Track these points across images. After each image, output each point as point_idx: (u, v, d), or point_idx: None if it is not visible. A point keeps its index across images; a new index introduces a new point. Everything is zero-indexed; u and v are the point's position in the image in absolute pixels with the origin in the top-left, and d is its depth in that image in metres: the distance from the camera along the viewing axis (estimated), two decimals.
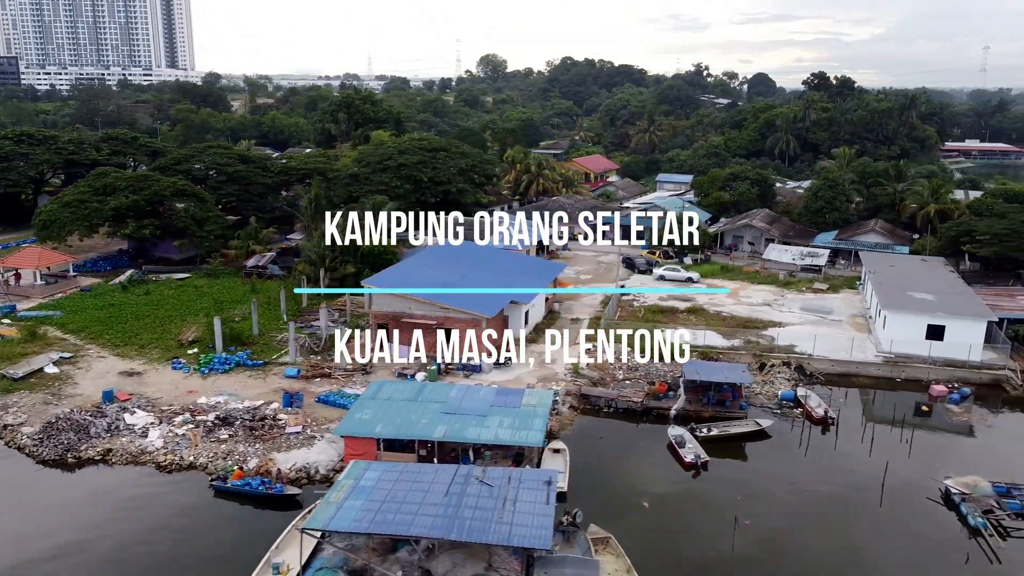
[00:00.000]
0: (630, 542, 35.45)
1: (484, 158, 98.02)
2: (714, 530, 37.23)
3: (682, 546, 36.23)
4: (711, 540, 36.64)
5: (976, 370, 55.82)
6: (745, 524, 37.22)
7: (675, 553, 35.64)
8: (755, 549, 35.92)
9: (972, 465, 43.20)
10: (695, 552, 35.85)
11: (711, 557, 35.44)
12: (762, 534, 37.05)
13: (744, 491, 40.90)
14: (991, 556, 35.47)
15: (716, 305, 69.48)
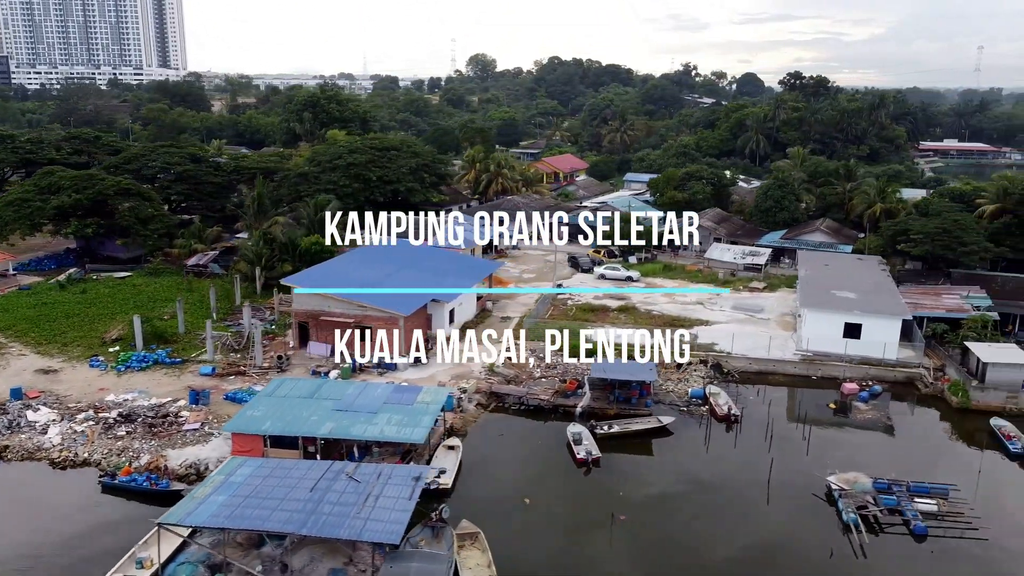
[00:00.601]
0: (502, 538, 35.89)
1: (437, 157, 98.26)
2: (591, 526, 37.62)
3: (554, 542, 36.52)
4: (585, 536, 37.03)
5: (891, 368, 56.18)
6: (621, 519, 37.63)
7: (544, 548, 35.94)
8: (631, 544, 36.30)
9: (866, 462, 43.59)
10: (566, 547, 36.17)
11: (581, 553, 35.79)
12: (641, 530, 37.45)
13: (632, 488, 41.30)
14: (857, 551, 35.84)
15: (649, 304, 69.83)
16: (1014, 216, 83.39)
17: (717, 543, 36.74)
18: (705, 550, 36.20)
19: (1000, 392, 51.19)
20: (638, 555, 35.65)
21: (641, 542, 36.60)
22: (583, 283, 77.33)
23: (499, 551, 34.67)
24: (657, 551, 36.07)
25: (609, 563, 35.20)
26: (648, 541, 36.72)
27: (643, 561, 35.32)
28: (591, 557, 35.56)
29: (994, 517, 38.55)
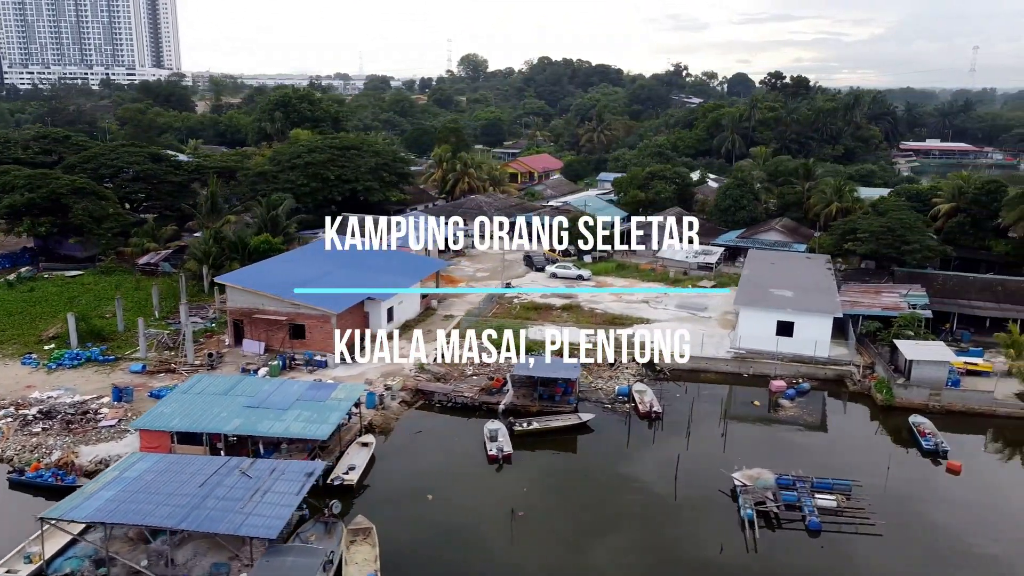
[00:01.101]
0: (396, 533, 36.17)
1: (398, 157, 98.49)
2: (490, 522, 37.85)
3: (449, 538, 36.68)
4: (482, 532, 37.28)
5: (822, 366, 56.42)
6: (519, 516, 37.86)
7: (437, 544, 36.12)
8: (528, 540, 36.49)
9: (780, 458, 43.74)
10: (462, 543, 36.35)
11: (477, 549, 36.02)
12: (539, 525, 37.65)
13: (539, 484, 41.57)
14: (749, 546, 36.07)
15: (594, 302, 70.08)
16: (967, 215, 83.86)
17: (613, 538, 36.97)
18: (599, 545, 36.41)
19: (923, 390, 51.41)
20: (532, 551, 35.86)
21: (538, 538, 36.81)
22: (534, 282, 77.54)
23: (391, 546, 34.92)
24: (552, 547, 36.24)
25: (502, 558, 35.47)
26: (544, 537, 36.91)
27: (535, 556, 35.53)
28: (486, 552, 35.83)
29: (894, 512, 38.80)
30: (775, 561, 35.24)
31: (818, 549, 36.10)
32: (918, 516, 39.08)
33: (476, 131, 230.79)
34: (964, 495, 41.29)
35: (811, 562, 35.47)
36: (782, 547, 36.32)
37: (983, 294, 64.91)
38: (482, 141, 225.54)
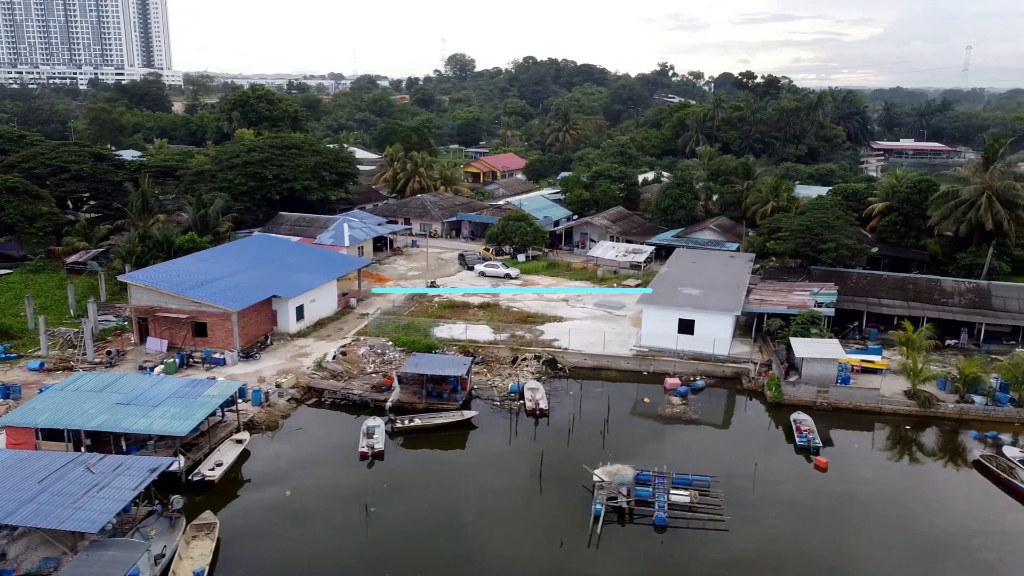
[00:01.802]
0: (245, 529, 36.56)
1: (340, 156, 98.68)
2: (343, 518, 38.11)
3: (301, 533, 36.92)
4: (335, 527, 37.52)
5: (721, 364, 56.74)
6: (372, 511, 38.19)
7: (285, 540, 36.37)
8: (379, 536, 36.74)
9: (654, 454, 44.31)
10: (312, 539, 36.61)
11: (326, 544, 36.26)
12: (391, 523, 37.88)
13: (404, 481, 41.82)
14: (593, 541, 36.37)
15: (514, 301, 70.44)
16: (899, 214, 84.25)
17: (463, 534, 37.26)
18: (449, 540, 36.67)
19: (811, 387, 51.73)
20: (380, 546, 36.12)
21: (388, 534, 37.05)
22: (462, 280, 77.86)
23: (235, 541, 35.35)
24: (402, 543, 36.42)
25: (349, 554, 35.74)
26: (395, 533, 37.13)
27: (381, 552, 35.80)
28: (333, 548, 36.07)
29: (749, 507, 39.19)
30: (611, 555, 35.54)
31: (658, 544, 36.44)
32: (771, 511, 39.35)
33: (452, 131, 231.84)
34: (821, 491, 41.57)
35: (647, 555, 35.78)
36: (624, 542, 36.63)
37: (894, 292, 65.18)
38: (457, 141, 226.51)
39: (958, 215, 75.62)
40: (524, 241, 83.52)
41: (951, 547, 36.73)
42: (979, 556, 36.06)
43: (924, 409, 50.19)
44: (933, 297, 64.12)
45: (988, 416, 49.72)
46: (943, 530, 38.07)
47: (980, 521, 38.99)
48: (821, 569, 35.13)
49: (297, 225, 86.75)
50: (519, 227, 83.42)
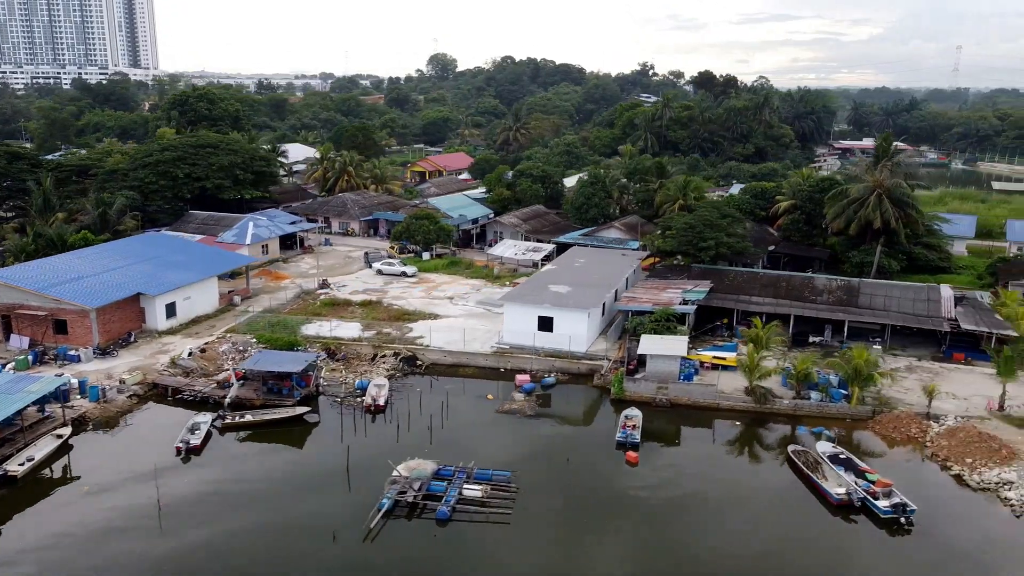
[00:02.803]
0: (29, 525, 37.00)
1: (257, 155, 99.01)
2: (126, 514, 38.39)
3: (88, 530, 37.32)
4: (124, 523, 37.89)
5: (577, 360, 57.13)
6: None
7: (70, 536, 36.83)
8: (177, 532, 37.09)
9: (474, 448, 44.83)
10: (94, 536, 37.01)
11: (106, 540, 36.67)
12: (197, 518, 38.21)
13: (217, 477, 42.19)
14: (368, 535, 36.73)
15: (398, 298, 70.89)
16: (802, 212, 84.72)
17: (245, 530, 37.58)
18: (227, 537, 37.03)
19: (651, 383, 52.15)
20: (170, 542, 36.45)
21: (184, 528, 37.37)
22: (358, 278, 78.28)
23: (9, 537, 35.79)
24: (190, 536, 36.82)
25: (125, 554, 35.93)
26: (187, 528, 37.47)
27: (165, 546, 36.15)
28: (113, 544, 36.45)
29: (542, 502, 39.61)
30: (382, 548, 35.90)
31: (430, 537, 36.84)
32: (560, 505, 39.72)
33: (419, 130, 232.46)
34: (616, 486, 41.85)
35: (418, 548, 36.15)
36: (400, 536, 36.97)
37: (767, 290, 65.54)
38: (424, 140, 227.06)
39: (849, 213, 76.10)
40: (427, 239, 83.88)
41: (721, 548, 37.11)
42: (732, 551, 36.47)
43: (760, 405, 50.58)
44: (803, 295, 64.50)
45: (821, 412, 50.11)
46: (725, 529, 38.37)
47: (768, 519, 39.28)
48: (578, 561, 35.51)
49: (205, 224, 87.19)
50: (422, 225, 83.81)
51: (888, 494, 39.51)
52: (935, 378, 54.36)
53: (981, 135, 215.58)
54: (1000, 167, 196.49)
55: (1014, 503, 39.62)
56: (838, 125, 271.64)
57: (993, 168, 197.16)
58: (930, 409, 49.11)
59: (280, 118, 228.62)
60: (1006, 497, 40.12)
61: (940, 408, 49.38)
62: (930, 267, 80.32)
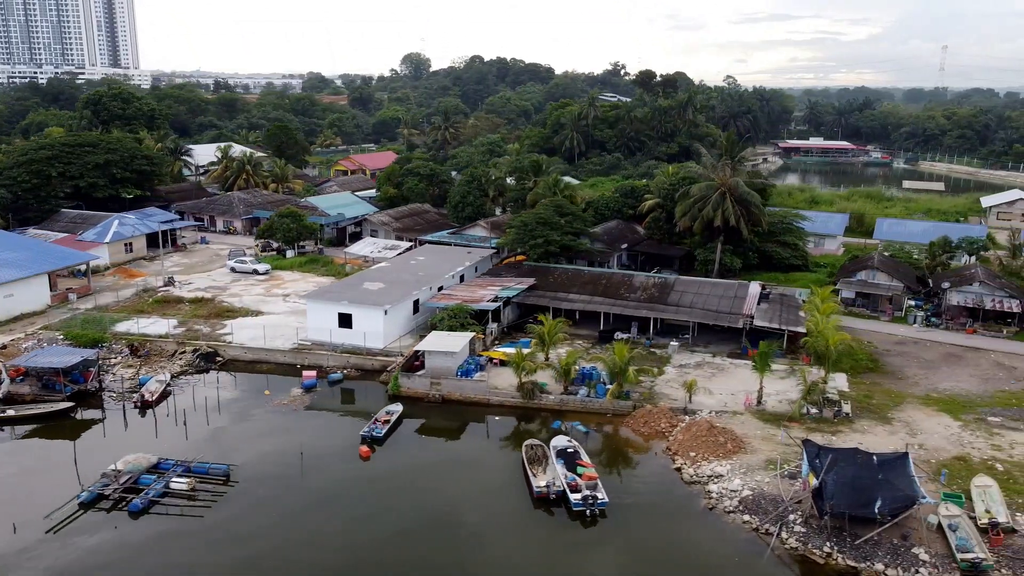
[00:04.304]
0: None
1: (141, 154, 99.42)
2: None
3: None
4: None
5: (371, 357, 57.64)
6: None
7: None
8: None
9: (214, 443, 45.49)
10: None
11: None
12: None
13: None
14: (55, 527, 37.23)
15: (234, 296, 71.45)
16: (663, 210, 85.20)
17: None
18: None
19: (426, 379, 52.67)
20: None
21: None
22: (211, 276, 78.79)
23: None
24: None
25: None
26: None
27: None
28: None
29: (252, 493, 40.20)
30: (61, 540, 36.39)
31: (111, 529, 37.35)
32: (276, 497, 40.24)
33: (370, 129, 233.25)
34: (338, 478, 42.41)
35: (96, 540, 36.61)
36: (88, 527, 37.39)
37: (586, 287, 65.96)
38: (373, 139, 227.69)
39: (694, 212, 76.55)
40: (288, 237, 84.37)
41: (414, 537, 37.64)
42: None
43: (527, 401, 51.07)
44: (619, 292, 64.94)
45: (586, 407, 50.62)
46: (424, 520, 38.87)
47: (472, 513, 39.73)
48: (249, 550, 36.05)
49: (73, 222, 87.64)
50: (284, 223, 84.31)
51: (593, 487, 40.08)
52: (719, 374, 55.04)
53: (928, 135, 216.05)
54: (939, 166, 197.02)
55: (713, 496, 40.11)
56: (797, 125, 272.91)
57: (933, 167, 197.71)
58: (690, 404, 49.59)
59: (231, 117, 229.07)
60: (709, 490, 40.63)
61: (702, 404, 49.86)
62: (783, 265, 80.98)
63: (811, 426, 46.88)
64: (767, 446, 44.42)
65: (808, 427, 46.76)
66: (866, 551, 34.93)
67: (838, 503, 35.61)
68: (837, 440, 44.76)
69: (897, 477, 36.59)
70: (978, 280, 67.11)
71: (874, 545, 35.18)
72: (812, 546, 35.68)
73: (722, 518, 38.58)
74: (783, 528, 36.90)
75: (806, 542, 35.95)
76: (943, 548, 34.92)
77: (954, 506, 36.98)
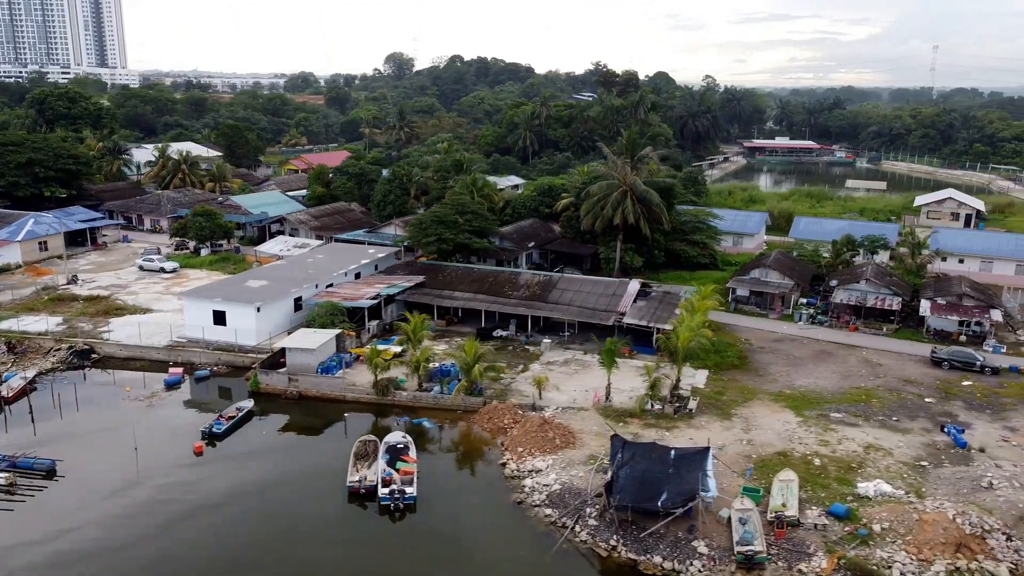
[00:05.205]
0: None
1: (68, 153, 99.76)
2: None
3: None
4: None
5: (243, 354, 58.03)
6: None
7: None
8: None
9: (62, 438, 46.30)
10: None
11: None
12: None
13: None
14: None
15: (132, 294, 71.94)
16: (576, 208, 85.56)
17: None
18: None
19: (283, 376, 53.10)
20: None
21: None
22: (118, 275, 79.21)
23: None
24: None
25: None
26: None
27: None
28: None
29: (89, 487, 40.76)
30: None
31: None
32: (99, 492, 40.73)
33: (338, 129, 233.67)
34: (163, 473, 42.87)
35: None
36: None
37: (474, 285, 66.28)
38: (342, 139, 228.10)
39: (596, 211, 77.00)
40: (201, 236, 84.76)
41: (221, 535, 38.06)
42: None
43: (381, 397, 51.48)
44: (503, 290, 65.27)
45: (438, 404, 51.02)
46: (224, 515, 39.31)
47: (284, 509, 40.15)
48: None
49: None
50: (197, 222, 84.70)
51: (408, 482, 40.52)
52: (582, 371, 55.48)
53: (894, 134, 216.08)
54: (900, 166, 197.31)
55: (526, 490, 40.52)
56: (772, 124, 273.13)
57: (894, 167, 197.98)
58: (539, 401, 49.98)
59: (198, 117, 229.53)
60: (523, 485, 41.05)
61: (552, 400, 50.26)
62: (691, 264, 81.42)
63: (650, 422, 47.30)
64: (598, 442, 44.75)
65: (647, 423, 47.18)
66: (648, 544, 35.38)
67: (623, 497, 36.06)
68: (670, 436, 45.21)
69: (689, 471, 37.03)
70: (864, 278, 67.53)
71: (658, 538, 35.62)
72: (600, 539, 36.10)
73: (527, 512, 39.00)
74: (579, 522, 37.31)
75: (595, 535, 36.37)
76: (728, 541, 35.34)
77: (749, 500, 37.41)
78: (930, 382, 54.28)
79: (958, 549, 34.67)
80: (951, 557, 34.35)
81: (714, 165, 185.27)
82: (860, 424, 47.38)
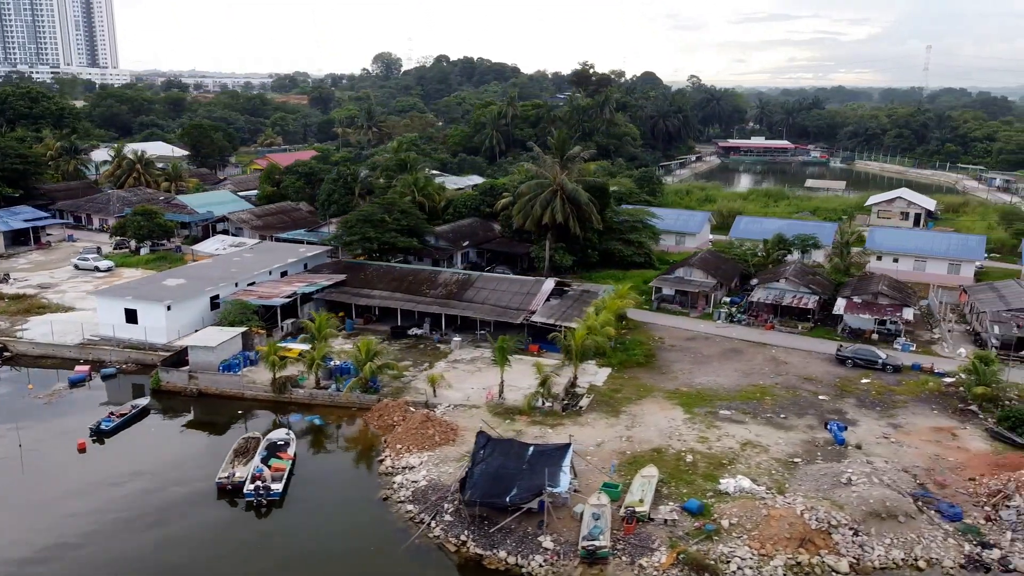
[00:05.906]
0: None
1: (15, 153, 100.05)
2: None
3: None
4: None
5: (154, 352, 58.31)
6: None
7: None
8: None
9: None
10: None
11: None
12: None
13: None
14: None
15: (59, 293, 72.22)
16: (512, 207, 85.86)
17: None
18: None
19: (183, 374, 53.40)
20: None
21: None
22: (52, 274, 79.53)
23: None
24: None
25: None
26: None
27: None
28: None
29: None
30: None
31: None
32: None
33: (316, 129, 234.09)
34: (49, 470, 43.22)
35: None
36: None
37: (394, 284, 66.52)
38: (318, 139, 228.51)
39: (527, 210, 77.34)
40: (139, 234, 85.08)
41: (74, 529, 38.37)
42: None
43: (278, 395, 51.79)
44: (421, 289, 65.53)
45: (333, 401, 51.34)
46: (72, 509, 39.61)
47: (128, 508, 40.44)
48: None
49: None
50: (136, 221, 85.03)
51: (278, 478, 40.84)
52: (486, 369, 55.64)
53: (869, 134, 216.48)
54: (872, 165, 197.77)
55: (394, 486, 40.82)
56: (751, 124, 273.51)
57: (867, 167, 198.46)
58: (433, 399, 50.29)
59: (175, 117, 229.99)
60: (393, 481, 41.35)
61: (445, 397, 50.55)
62: (625, 263, 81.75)
63: (536, 419, 47.59)
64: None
65: (533, 420, 47.47)
66: (496, 539, 35.67)
67: (474, 493, 36.35)
68: (552, 433, 45.50)
69: (544, 467, 37.31)
70: (784, 277, 67.87)
71: (507, 533, 35.92)
72: (451, 535, 36.39)
73: (390, 508, 39.29)
74: (436, 517, 37.61)
75: (448, 531, 36.66)
76: (577, 536, 35.61)
77: (605, 496, 37.68)
78: (830, 380, 54.61)
79: (801, 544, 34.99)
80: (793, 552, 34.67)
81: (684, 165, 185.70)
82: (746, 421, 47.67)
